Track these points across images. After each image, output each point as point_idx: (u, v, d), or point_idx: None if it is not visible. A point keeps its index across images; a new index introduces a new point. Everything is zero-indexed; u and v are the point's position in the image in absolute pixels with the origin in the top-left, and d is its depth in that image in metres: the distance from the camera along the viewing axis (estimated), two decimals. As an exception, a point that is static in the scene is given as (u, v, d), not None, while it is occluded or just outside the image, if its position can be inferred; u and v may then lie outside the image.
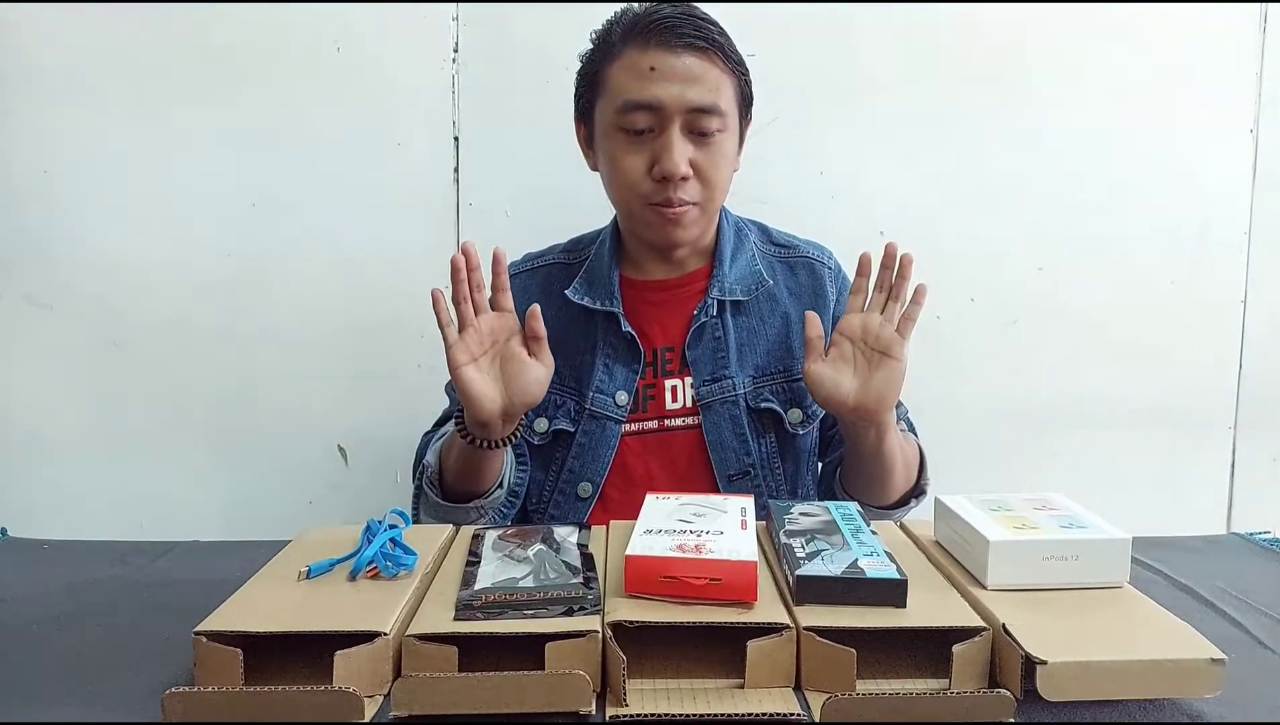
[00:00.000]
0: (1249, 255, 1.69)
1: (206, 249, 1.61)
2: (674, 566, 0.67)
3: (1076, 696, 0.59)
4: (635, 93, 1.08)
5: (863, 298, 1.07)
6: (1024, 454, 1.70)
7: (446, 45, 1.58)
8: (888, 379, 1.04)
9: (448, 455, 1.10)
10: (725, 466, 1.18)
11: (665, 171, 1.08)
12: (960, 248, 1.65)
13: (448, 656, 0.62)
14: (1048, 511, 0.77)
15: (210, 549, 0.98)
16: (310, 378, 1.64)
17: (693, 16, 1.10)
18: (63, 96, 1.57)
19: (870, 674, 0.64)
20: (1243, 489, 1.74)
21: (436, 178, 1.61)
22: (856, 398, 1.04)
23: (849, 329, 1.07)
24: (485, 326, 1.03)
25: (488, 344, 1.03)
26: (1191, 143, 1.65)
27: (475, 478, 1.08)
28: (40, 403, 1.64)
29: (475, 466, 1.07)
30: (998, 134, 1.63)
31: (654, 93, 1.07)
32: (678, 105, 1.08)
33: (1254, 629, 0.75)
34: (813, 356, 1.07)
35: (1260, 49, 1.63)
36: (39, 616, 0.79)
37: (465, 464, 1.07)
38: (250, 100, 1.58)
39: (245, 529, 1.51)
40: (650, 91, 1.07)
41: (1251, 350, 1.70)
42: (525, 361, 1.03)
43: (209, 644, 0.62)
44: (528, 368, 1.03)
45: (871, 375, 1.04)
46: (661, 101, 1.07)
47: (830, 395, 1.05)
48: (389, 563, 0.74)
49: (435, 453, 1.13)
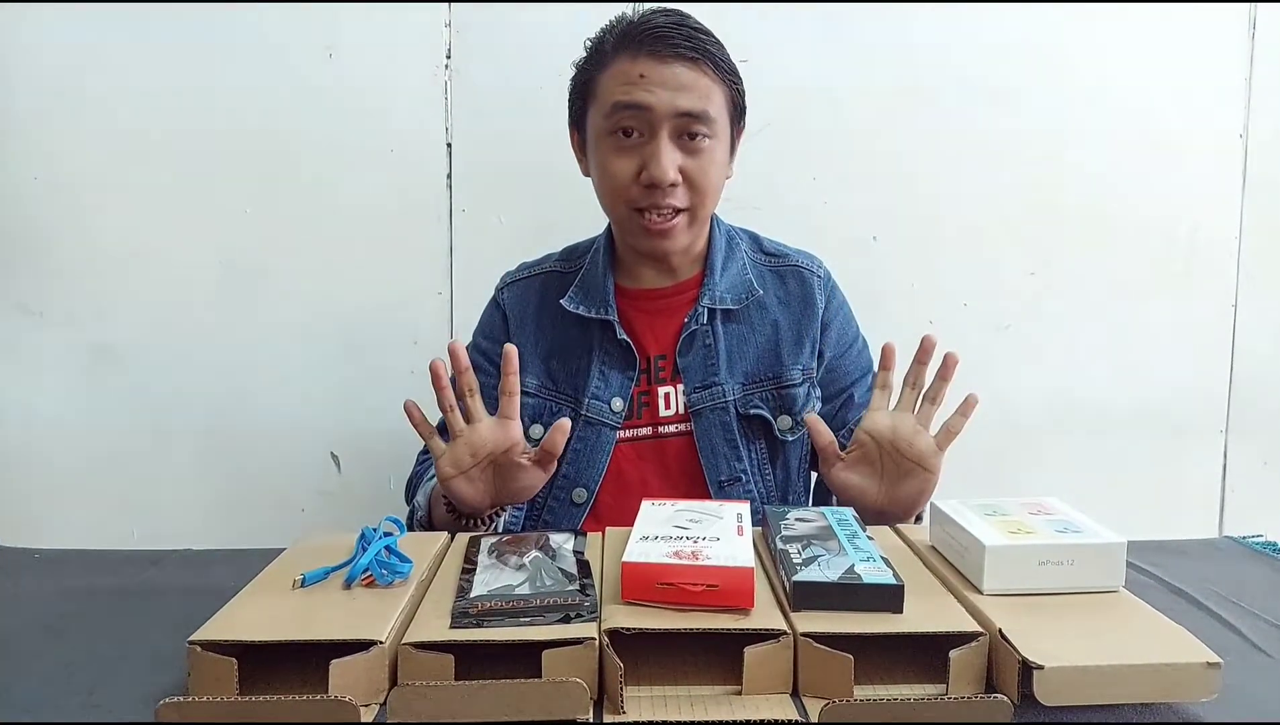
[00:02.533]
0: (1239, 259, 1.70)
1: (198, 256, 1.61)
2: (671, 573, 0.67)
3: (1073, 701, 0.59)
4: (624, 96, 1.09)
5: (888, 394, 1.00)
6: (1017, 458, 1.70)
7: (439, 51, 1.58)
8: (920, 490, 0.97)
9: (435, 508, 1.06)
10: (716, 473, 1.18)
11: (653, 177, 1.09)
12: (952, 253, 1.66)
13: (444, 665, 0.62)
14: (1043, 516, 0.77)
15: (203, 557, 0.97)
16: (302, 384, 1.64)
17: (684, 26, 1.10)
18: (53, 103, 1.57)
19: (867, 679, 0.64)
20: (1234, 492, 1.75)
21: (429, 184, 1.61)
22: (881, 505, 0.99)
23: (876, 430, 0.99)
24: (479, 440, 0.95)
25: (481, 457, 0.95)
26: (1181, 148, 1.67)
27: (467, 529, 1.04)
28: (31, 410, 1.63)
29: (464, 527, 1.03)
30: (989, 140, 1.64)
31: (643, 97, 1.08)
32: (666, 110, 1.08)
33: (1248, 632, 0.75)
34: (828, 462, 1.00)
35: (1249, 55, 1.65)
36: (30, 626, 0.79)
37: (453, 525, 1.03)
38: (243, 106, 1.58)
39: (238, 537, 1.50)
40: (639, 96, 1.08)
41: (1242, 354, 1.71)
42: (524, 468, 0.96)
43: (203, 653, 0.62)
44: (525, 474, 0.97)
45: (900, 483, 0.98)
46: (650, 105, 1.08)
47: (855, 498, 0.99)
48: (384, 570, 0.73)
49: (425, 495, 1.10)
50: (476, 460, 0.96)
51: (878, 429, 0.99)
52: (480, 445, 0.95)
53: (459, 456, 0.95)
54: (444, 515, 1.04)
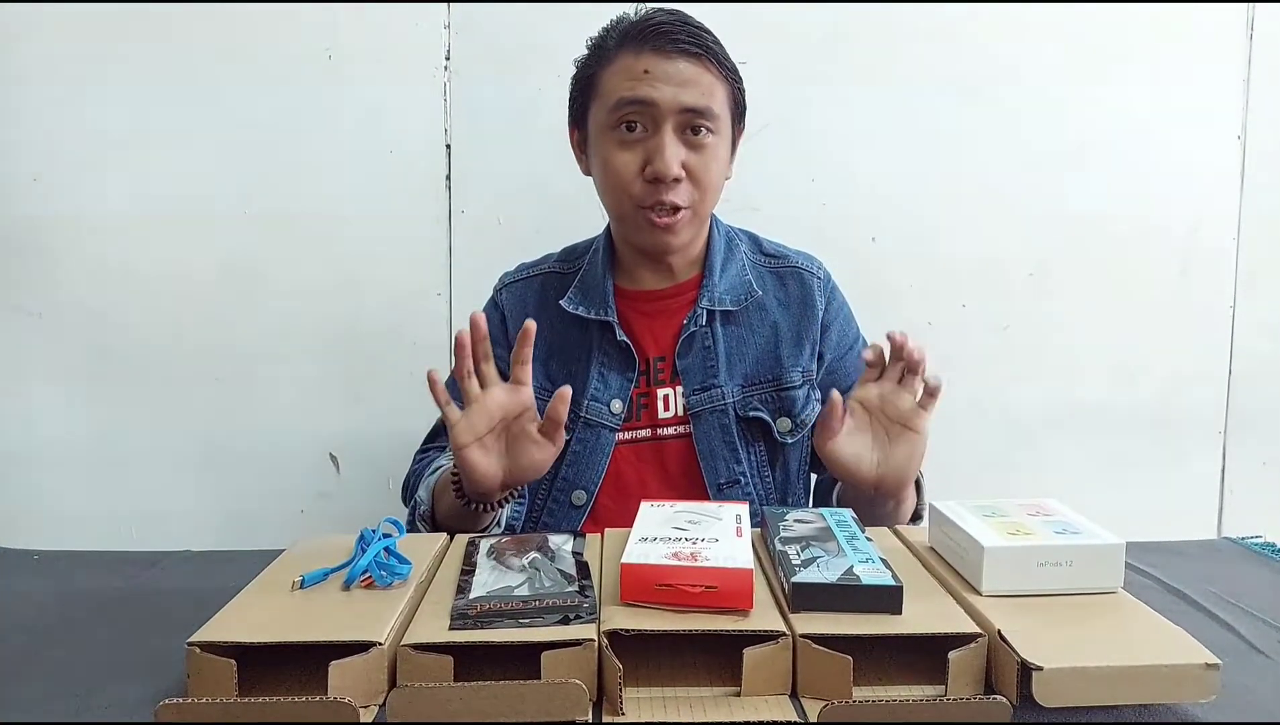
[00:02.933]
0: (1238, 260, 1.70)
1: (198, 258, 1.61)
2: (670, 574, 0.67)
3: (1072, 702, 0.59)
4: (628, 91, 1.09)
5: (878, 372, 1.01)
6: (1015, 459, 1.70)
7: (438, 53, 1.59)
8: (909, 454, 0.99)
9: (440, 499, 1.06)
10: (715, 475, 1.18)
11: (657, 172, 1.09)
12: (952, 254, 1.66)
13: (443, 666, 0.62)
14: (1042, 517, 0.77)
15: (202, 559, 0.97)
16: (302, 386, 1.64)
17: (687, 24, 1.11)
18: (52, 103, 1.57)
19: (866, 681, 0.64)
20: (1233, 493, 1.75)
21: (428, 185, 1.61)
22: (879, 473, 1.00)
23: (866, 399, 1.00)
24: (494, 403, 0.96)
25: (495, 420, 0.96)
26: (1179, 149, 1.67)
27: (469, 523, 1.04)
28: (30, 412, 1.63)
29: (469, 516, 1.03)
30: (988, 140, 1.64)
31: (648, 92, 1.08)
32: (671, 106, 1.08)
33: (1247, 634, 0.75)
34: (826, 433, 0.99)
35: (1247, 56, 1.65)
36: (29, 628, 0.79)
37: (459, 514, 1.03)
38: (242, 108, 1.58)
39: (236, 539, 1.51)
40: (644, 91, 1.08)
41: (1241, 355, 1.72)
42: (535, 441, 0.97)
43: (202, 655, 0.62)
44: (537, 448, 0.98)
45: (893, 449, 0.99)
46: (655, 100, 1.08)
47: (852, 470, 1.00)
48: (383, 572, 0.73)
49: (428, 489, 1.10)
50: (491, 425, 0.96)
51: (868, 396, 1.01)
52: (495, 409, 0.96)
53: (474, 422, 0.95)
54: (451, 503, 1.02)
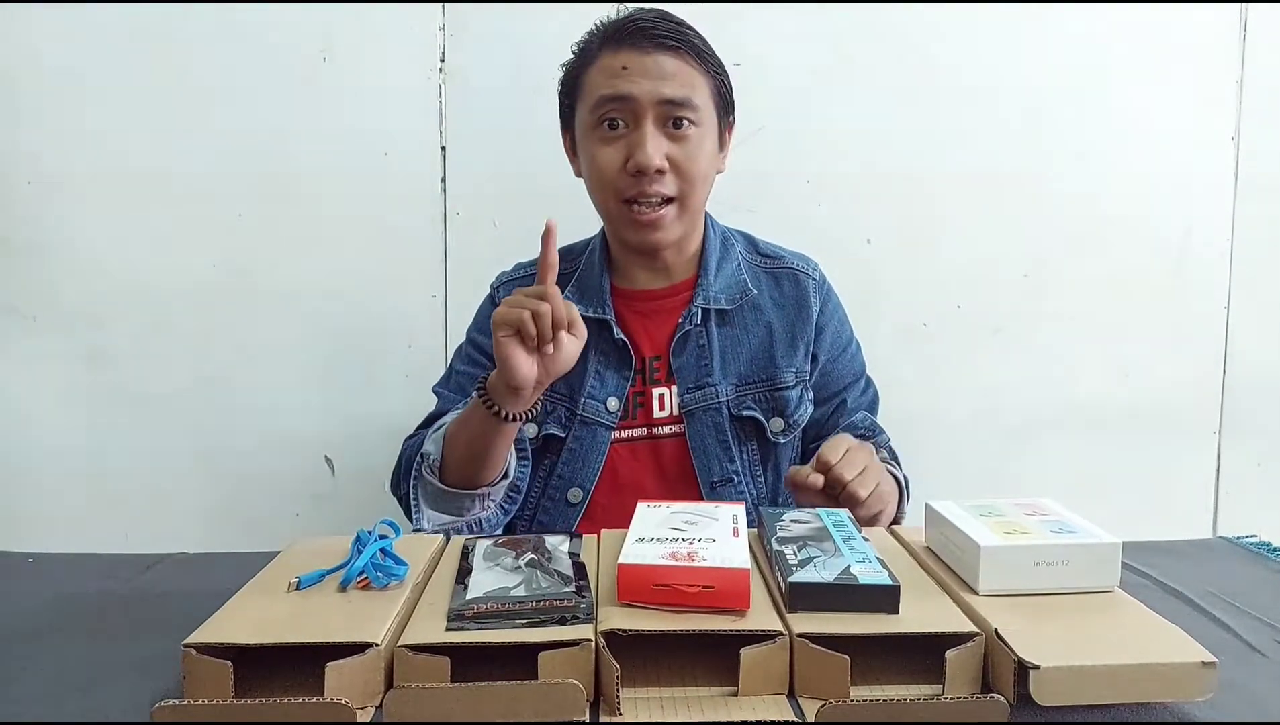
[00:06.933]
0: (1232, 261, 1.70)
1: (192, 259, 1.60)
2: (666, 574, 0.67)
3: (1069, 701, 0.59)
4: (608, 89, 1.10)
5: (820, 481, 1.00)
6: (1010, 460, 1.70)
7: (433, 54, 1.58)
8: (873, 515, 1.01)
9: (455, 439, 1.07)
10: (708, 474, 1.18)
11: (639, 164, 1.10)
12: (946, 255, 1.66)
13: (440, 667, 0.62)
14: (1038, 516, 0.77)
15: (197, 561, 0.97)
16: (297, 388, 1.63)
17: (666, 19, 1.13)
18: (46, 107, 1.56)
19: (864, 680, 0.64)
20: (1228, 493, 1.75)
21: (423, 187, 1.61)
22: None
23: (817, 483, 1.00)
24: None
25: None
26: (1174, 150, 1.67)
27: (483, 461, 1.05)
28: (24, 413, 1.62)
29: (486, 446, 1.04)
30: (983, 142, 1.64)
31: (626, 87, 1.10)
32: (650, 98, 1.09)
33: (1243, 632, 0.76)
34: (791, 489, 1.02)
35: (1240, 57, 1.65)
36: (24, 631, 0.78)
37: (477, 444, 1.04)
38: (236, 110, 1.57)
39: (232, 540, 1.50)
40: (622, 86, 1.10)
41: (1235, 355, 1.72)
42: (563, 339, 0.99)
43: (198, 657, 0.62)
44: (564, 343, 0.99)
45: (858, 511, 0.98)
46: (633, 95, 1.09)
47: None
48: (380, 573, 0.73)
49: (436, 442, 1.10)
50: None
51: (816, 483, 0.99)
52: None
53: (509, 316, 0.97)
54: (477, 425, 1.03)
